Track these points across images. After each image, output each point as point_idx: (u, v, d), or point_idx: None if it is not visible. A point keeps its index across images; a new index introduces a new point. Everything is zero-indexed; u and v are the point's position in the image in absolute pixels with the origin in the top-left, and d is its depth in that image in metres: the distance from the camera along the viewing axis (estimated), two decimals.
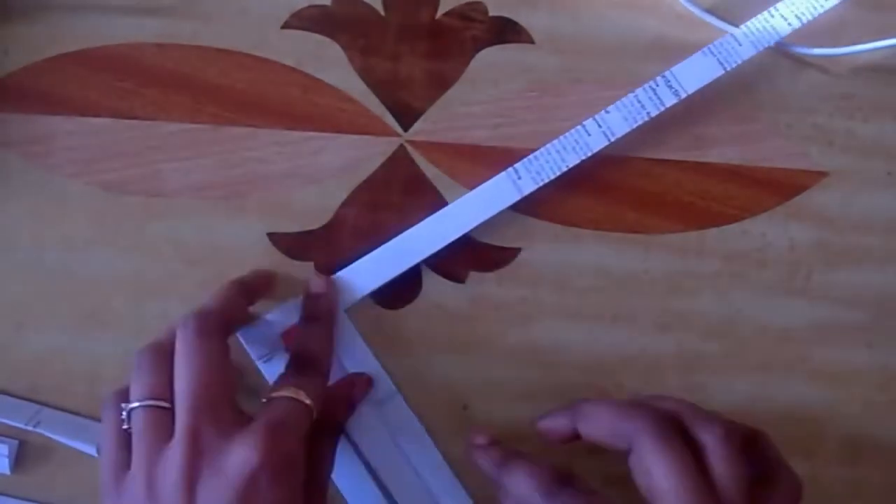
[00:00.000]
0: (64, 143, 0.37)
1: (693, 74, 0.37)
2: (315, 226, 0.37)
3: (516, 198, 0.36)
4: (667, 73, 0.37)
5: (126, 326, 0.36)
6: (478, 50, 0.39)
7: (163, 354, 0.29)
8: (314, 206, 0.37)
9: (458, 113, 0.38)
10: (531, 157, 0.36)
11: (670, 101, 0.36)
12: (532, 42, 0.39)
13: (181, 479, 0.26)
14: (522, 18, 0.39)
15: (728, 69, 0.37)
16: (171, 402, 0.28)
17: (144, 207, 0.37)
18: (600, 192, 0.38)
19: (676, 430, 0.29)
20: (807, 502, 0.35)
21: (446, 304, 0.36)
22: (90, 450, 0.34)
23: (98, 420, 0.34)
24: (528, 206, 0.37)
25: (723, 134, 0.38)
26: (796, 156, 0.38)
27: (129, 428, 0.28)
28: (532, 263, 0.37)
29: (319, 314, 0.34)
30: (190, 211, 0.37)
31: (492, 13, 0.39)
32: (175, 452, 0.27)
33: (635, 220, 0.37)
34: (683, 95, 0.36)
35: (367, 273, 0.35)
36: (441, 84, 0.39)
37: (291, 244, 0.37)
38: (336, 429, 0.33)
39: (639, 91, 0.36)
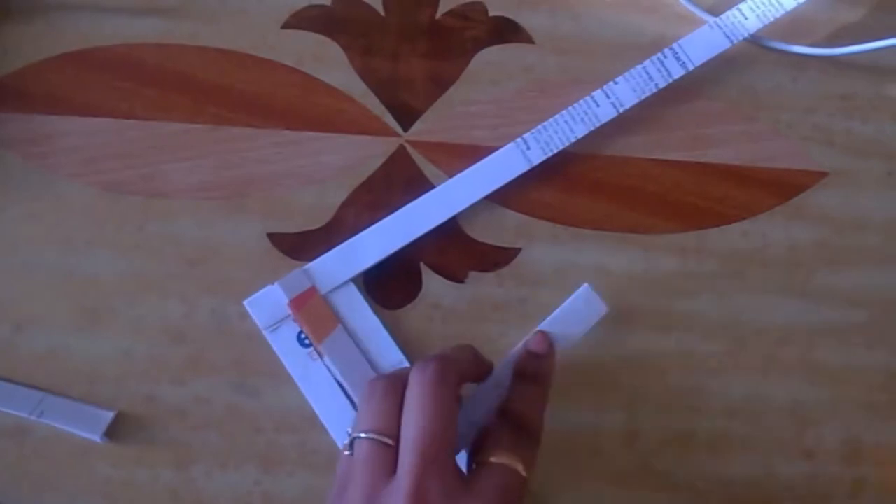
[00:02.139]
0: (64, 143, 0.37)
1: (700, 47, 0.37)
2: (315, 226, 0.37)
3: (525, 168, 0.36)
4: (674, 45, 0.37)
5: (126, 326, 0.36)
6: (477, 50, 0.39)
7: (395, 391, 0.29)
8: (314, 206, 0.37)
9: (458, 113, 0.38)
10: (540, 127, 0.36)
11: (678, 72, 0.36)
12: (532, 42, 0.39)
13: None
14: (522, 18, 0.39)
15: (734, 42, 0.37)
16: (396, 440, 0.28)
17: (144, 207, 0.37)
18: (600, 192, 0.38)
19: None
20: (807, 502, 0.35)
21: (446, 304, 0.36)
22: (94, 437, 0.34)
23: (102, 408, 0.34)
24: (528, 206, 0.37)
25: (723, 134, 0.38)
26: (796, 156, 0.38)
27: (351, 453, 0.28)
28: (532, 263, 0.37)
29: (541, 376, 0.32)
30: (190, 211, 0.37)
31: (491, 13, 0.39)
32: (397, 493, 0.26)
33: (635, 220, 0.37)
34: (691, 67, 0.36)
35: (383, 237, 0.36)
36: (441, 84, 0.39)
37: (292, 244, 0.37)
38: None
39: (647, 63, 0.36)
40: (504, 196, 0.37)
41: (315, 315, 0.35)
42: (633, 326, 0.36)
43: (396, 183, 0.37)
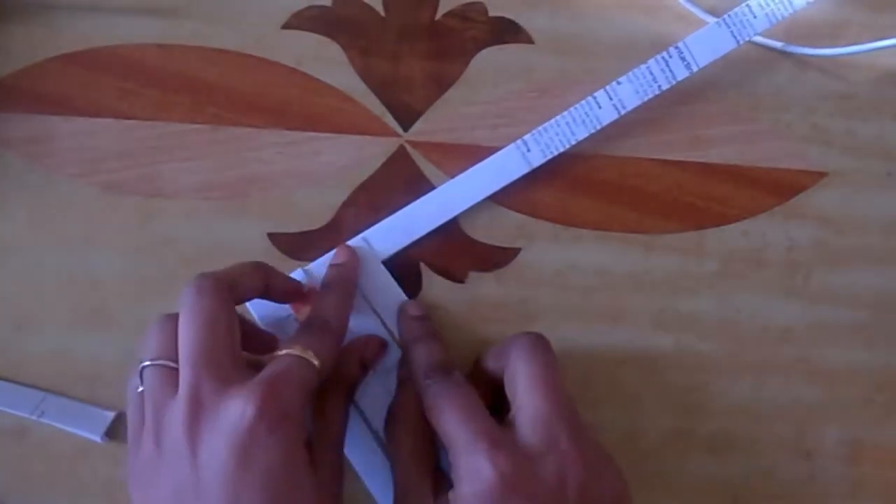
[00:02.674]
0: (64, 143, 0.37)
1: (706, 47, 0.36)
2: (315, 226, 0.37)
3: (525, 170, 0.36)
4: (679, 45, 0.36)
5: (126, 326, 0.36)
6: (478, 50, 0.39)
7: (173, 318, 0.29)
8: (315, 206, 0.37)
9: (458, 113, 0.38)
10: (540, 129, 0.36)
11: (682, 74, 0.36)
12: (532, 42, 0.39)
13: (183, 433, 0.27)
14: (522, 19, 0.39)
15: (741, 42, 0.36)
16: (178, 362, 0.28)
17: (144, 208, 0.37)
18: (600, 192, 0.38)
19: (548, 345, 0.31)
20: (807, 502, 0.35)
21: (446, 304, 0.36)
22: (95, 437, 0.34)
23: (102, 408, 0.34)
24: (528, 206, 0.37)
25: (723, 134, 0.38)
26: (796, 156, 0.38)
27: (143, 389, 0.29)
28: (532, 263, 0.37)
29: (337, 281, 0.34)
30: (190, 211, 0.37)
31: (491, 13, 0.39)
32: (177, 406, 0.27)
33: (635, 220, 0.37)
34: (695, 69, 0.36)
35: (383, 238, 0.36)
36: (441, 84, 0.39)
37: (292, 244, 0.37)
38: (347, 386, 0.33)
39: (651, 62, 0.36)
40: (504, 196, 0.37)
41: None
42: (633, 326, 0.36)
43: (396, 183, 0.37)
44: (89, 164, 0.37)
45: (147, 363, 0.28)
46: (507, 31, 0.39)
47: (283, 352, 0.29)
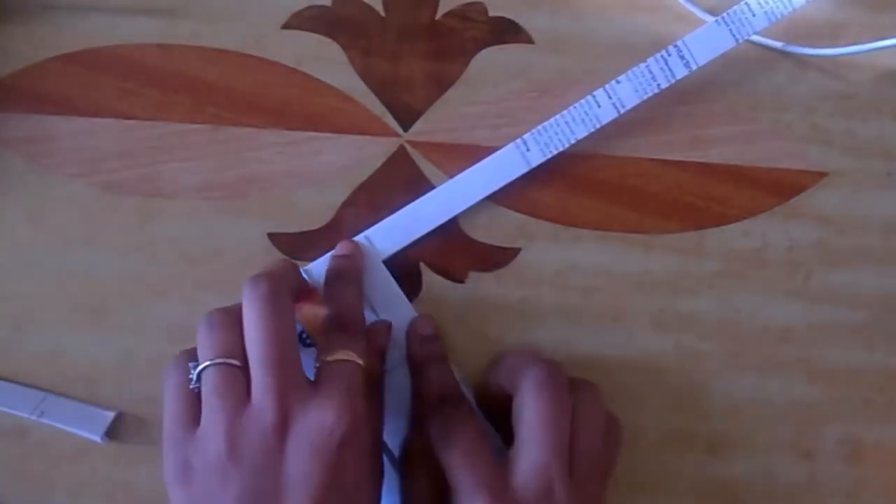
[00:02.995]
0: (64, 143, 0.37)
1: (705, 45, 0.36)
2: (316, 226, 0.37)
3: (524, 169, 0.36)
4: (678, 43, 0.36)
5: (126, 326, 0.36)
6: (478, 50, 0.39)
7: (232, 316, 0.29)
8: (315, 207, 0.37)
9: (458, 113, 0.38)
10: (539, 128, 0.36)
11: (681, 72, 0.36)
12: (532, 42, 0.39)
13: (270, 437, 0.27)
14: (522, 19, 0.39)
15: (740, 41, 0.36)
16: (243, 361, 0.28)
17: (144, 208, 0.37)
18: (600, 192, 0.38)
19: (561, 380, 0.30)
20: (807, 502, 0.35)
21: (446, 304, 0.36)
22: (95, 437, 0.34)
23: (102, 408, 0.34)
24: (528, 206, 0.37)
25: (723, 134, 0.38)
26: (796, 156, 0.38)
27: (198, 387, 0.28)
28: (532, 263, 0.37)
29: (348, 272, 0.34)
30: (190, 211, 0.37)
31: (491, 13, 0.39)
32: (262, 410, 0.27)
33: (635, 220, 0.37)
34: (694, 67, 0.36)
35: (382, 238, 0.36)
36: (441, 84, 0.39)
37: (292, 244, 0.37)
38: (376, 382, 0.33)
39: (650, 61, 0.36)
40: (504, 196, 0.37)
41: (316, 315, 0.34)
42: (633, 326, 0.36)
43: (396, 183, 0.37)
44: (89, 164, 0.37)
45: (212, 362, 0.28)
46: (507, 31, 0.39)
47: (333, 358, 0.29)
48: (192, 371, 0.28)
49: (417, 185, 0.37)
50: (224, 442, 0.27)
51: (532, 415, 0.29)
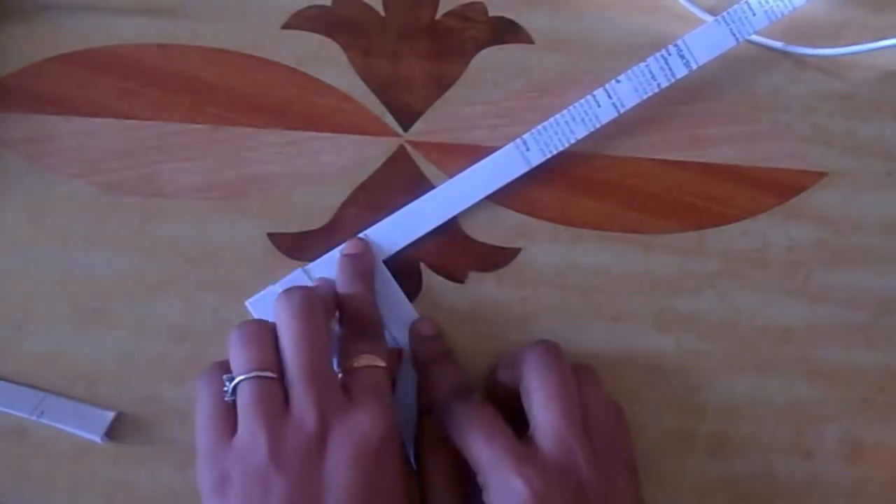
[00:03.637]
0: (64, 143, 0.37)
1: (705, 44, 0.36)
2: (315, 226, 0.37)
3: (524, 169, 0.36)
4: (679, 42, 0.36)
5: (126, 326, 0.36)
6: (478, 50, 0.39)
7: (264, 328, 0.30)
8: (314, 207, 0.37)
9: (458, 113, 0.38)
10: (539, 128, 0.36)
11: (681, 71, 0.36)
12: (532, 42, 0.39)
13: (311, 445, 0.28)
14: (522, 19, 0.39)
15: (740, 40, 0.36)
16: (278, 373, 0.29)
17: (144, 208, 0.37)
18: (600, 192, 0.38)
19: (560, 354, 0.31)
20: (807, 502, 0.35)
21: (446, 304, 0.36)
22: (94, 437, 0.34)
23: (102, 408, 0.34)
24: (528, 206, 0.37)
25: (723, 134, 0.38)
26: (796, 156, 0.38)
27: (234, 399, 0.29)
28: (532, 263, 0.37)
29: (361, 271, 0.34)
30: (190, 211, 0.37)
31: (491, 13, 0.39)
32: (303, 420, 0.28)
33: (635, 220, 0.37)
34: (695, 66, 0.36)
35: (382, 238, 0.36)
36: (441, 84, 0.39)
37: (292, 244, 0.37)
38: (394, 381, 0.34)
39: (650, 60, 0.36)
40: (504, 196, 0.37)
41: None
42: (633, 326, 0.36)
43: (396, 183, 0.37)
44: (89, 165, 0.37)
45: (248, 375, 0.28)
46: (507, 31, 0.39)
47: (360, 364, 0.30)
48: (227, 384, 0.29)
49: (417, 186, 0.37)
50: (266, 451, 0.27)
51: (539, 387, 0.30)
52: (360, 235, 0.36)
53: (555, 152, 0.36)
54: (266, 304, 0.35)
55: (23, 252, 0.36)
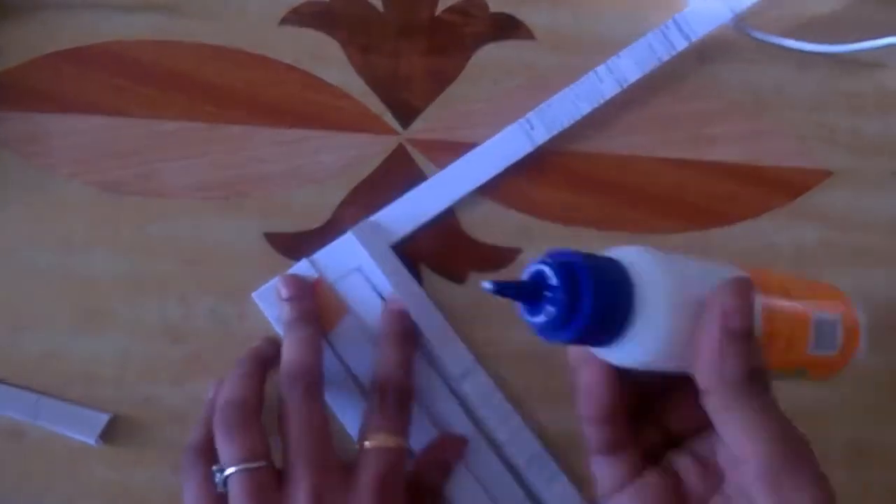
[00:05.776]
0: (60, 141, 0.37)
1: (703, 18, 0.36)
2: (314, 225, 0.36)
3: (529, 149, 0.36)
4: (677, 17, 0.36)
5: (124, 327, 0.35)
6: (478, 46, 0.39)
7: (249, 412, 0.30)
8: (313, 205, 0.37)
9: (458, 111, 0.38)
10: (543, 105, 0.36)
11: (681, 44, 0.36)
12: (532, 38, 0.39)
13: None
14: (522, 14, 0.39)
15: (735, 13, 0.36)
16: (268, 458, 0.29)
17: (142, 207, 0.36)
18: (602, 191, 0.37)
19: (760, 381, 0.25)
20: None
21: (446, 304, 0.36)
22: (89, 440, 0.33)
23: (98, 410, 0.34)
24: (529, 205, 0.37)
25: (727, 132, 0.38)
26: (800, 155, 0.38)
27: (225, 490, 0.29)
28: None
29: (403, 333, 0.33)
30: (188, 211, 0.36)
31: (492, 9, 0.39)
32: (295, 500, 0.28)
33: (638, 219, 0.37)
34: (694, 38, 0.36)
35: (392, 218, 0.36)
36: (441, 81, 0.38)
37: (290, 244, 0.36)
38: (436, 493, 0.32)
39: (650, 35, 0.36)
40: (505, 196, 0.36)
41: (323, 305, 0.34)
42: None
43: (396, 182, 0.37)
44: (85, 163, 0.37)
45: (240, 467, 0.28)
46: (508, 27, 0.39)
47: (372, 445, 0.30)
48: (217, 475, 0.29)
49: (417, 184, 0.37)
50: None
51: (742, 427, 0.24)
52: (368, 220, 0.35)
53: (560, 129, 0.36)
54: (271, 296, 0.34)
55: (19, 252, 0.36)
